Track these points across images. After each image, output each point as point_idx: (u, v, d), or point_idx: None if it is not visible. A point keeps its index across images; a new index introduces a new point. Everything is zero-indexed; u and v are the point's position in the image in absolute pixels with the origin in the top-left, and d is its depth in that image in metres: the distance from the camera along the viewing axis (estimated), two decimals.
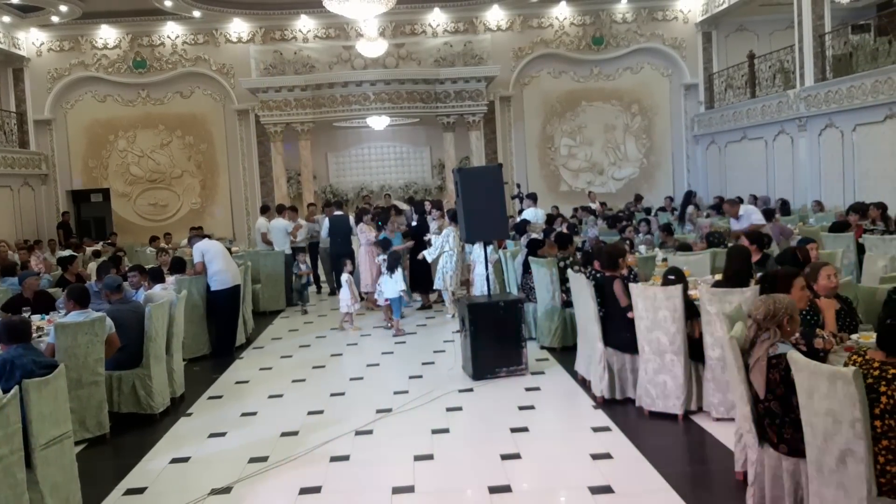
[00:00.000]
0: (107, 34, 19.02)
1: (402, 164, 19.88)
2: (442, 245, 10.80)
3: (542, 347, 8.39)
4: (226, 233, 18.98)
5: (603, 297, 6.43)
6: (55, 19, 17.78)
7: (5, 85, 18.68)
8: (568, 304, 8.22)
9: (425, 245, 11.38)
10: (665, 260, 8.63)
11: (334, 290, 12.46)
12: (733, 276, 5.86)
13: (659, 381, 5.90)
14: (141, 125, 19.60)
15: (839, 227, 9.53)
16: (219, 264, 9.26)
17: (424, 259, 10.94)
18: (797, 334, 4.07)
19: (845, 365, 3.67)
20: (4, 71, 18.63)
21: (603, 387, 6.35)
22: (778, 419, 3.86)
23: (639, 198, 17.99)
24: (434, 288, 11.39)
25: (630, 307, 6.02)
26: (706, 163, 20.09)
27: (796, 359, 3.55)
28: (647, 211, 16.40)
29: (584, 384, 6.91)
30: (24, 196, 18.33)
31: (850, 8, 17.83)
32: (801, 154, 15.62)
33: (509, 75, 19.50)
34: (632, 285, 6.00)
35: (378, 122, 17.78)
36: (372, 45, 16.89)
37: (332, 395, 7.22)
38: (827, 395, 3.34)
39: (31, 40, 18.78)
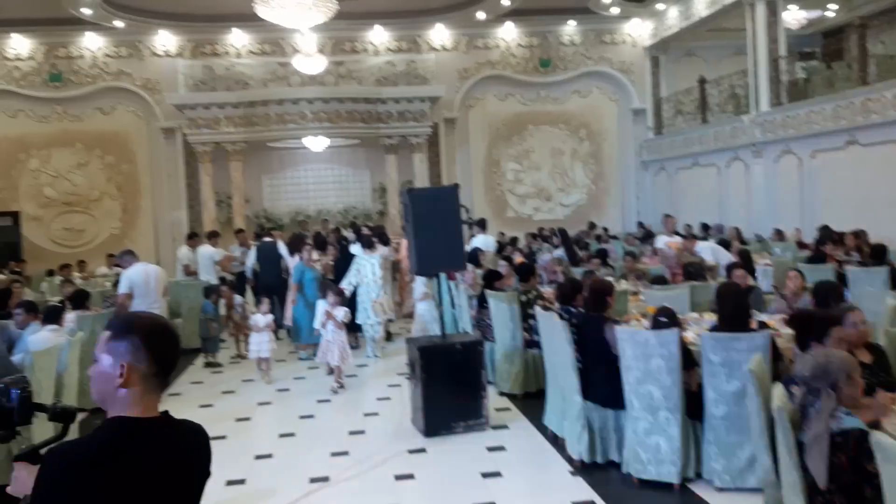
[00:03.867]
0: (19, 44, 17.49)
1: (340, 187, 18.77)
2: (358, 275, 9.67)
3: (502, 394, 7.37)
4: (149, 261, 17.47)
5: (582, 342, 5.47)
6: None
7: None
8: (531, 344, 7.26)
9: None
10: (636, 293, 7.76)
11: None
12: (730, 318, 4.98)
13: (651, 443, 4.95)
14: (56, 143, 18.03)
15: (817, 258, 8.83)
16: (138, 301, 7.99)
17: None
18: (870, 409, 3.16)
19: None
20: None
21: (582, 448, 5.35)
22: None
23: (592, 225, 17.26)
24: (357, 322, 9.85)
25: None
26: (655, 189, 19.54)
27: (885, 445, 2.61)
28: (599, 239, 15.67)
29: (556, 441, 5.92)
30: None
31: (797, 35, 17.57)
32: (757, 181, 15.11)
33: (454, 96, 18.66)
34: (618, 328, 5.06)
35: (316, 143, 16.67)
36: (309, 62, 15.82)
37: (258, 457, 6.04)
38: None
39: None
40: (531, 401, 6.97)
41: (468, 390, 6.27)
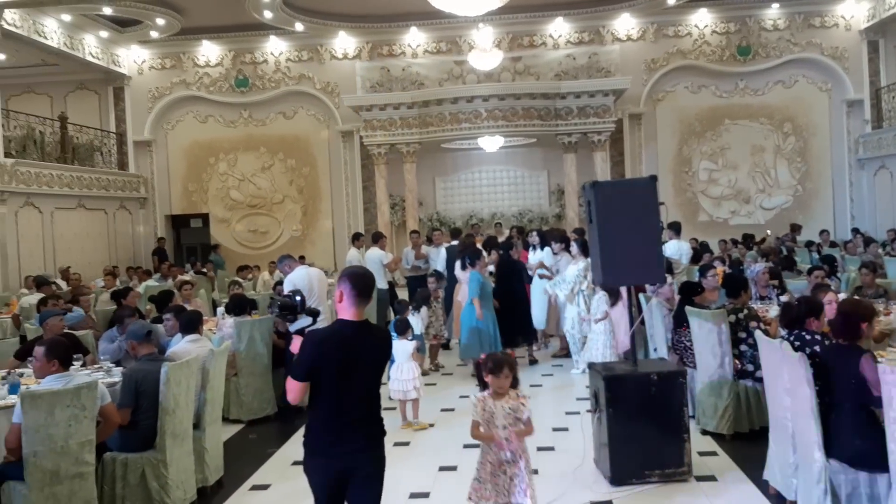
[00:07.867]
0: (208, 51, 18.09)
1: (515, 189, 17.90)
2: (577, 282, 8.71)
3: (705, 433, 6.12)
4: (327, 263, 17.48)
5: (824, 380, 4.18)
6: (154, 34, 16.91)
7: (105, 104, 18.05)
8: (743, 374, 5.98)
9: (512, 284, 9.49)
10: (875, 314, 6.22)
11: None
12: None
13: None
14: (242, 147, 18.51)
15: None
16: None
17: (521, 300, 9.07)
18: None
19: None
20: (105, 89, 18.01)
21: None
22: None
23: (796, 228, 15.25)
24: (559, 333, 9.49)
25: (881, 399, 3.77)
26: (874, 191, 17.09)
27: None
28: (809, 245, 13.76)
29: (781, 502, 4.66)
30: (120, 220, 17.48)
31: None
32: None
33: (640, 90, 17.25)
34: (882, 367, 3.75)
35: (490, 143, 15.90)
36: (485, 57, 15.08)
37: (413, 495, 5.23)
38: None
39: (133, 58, 18.07)
40: (743, 444, 5.71)
41: (666, 431, 5.11)
